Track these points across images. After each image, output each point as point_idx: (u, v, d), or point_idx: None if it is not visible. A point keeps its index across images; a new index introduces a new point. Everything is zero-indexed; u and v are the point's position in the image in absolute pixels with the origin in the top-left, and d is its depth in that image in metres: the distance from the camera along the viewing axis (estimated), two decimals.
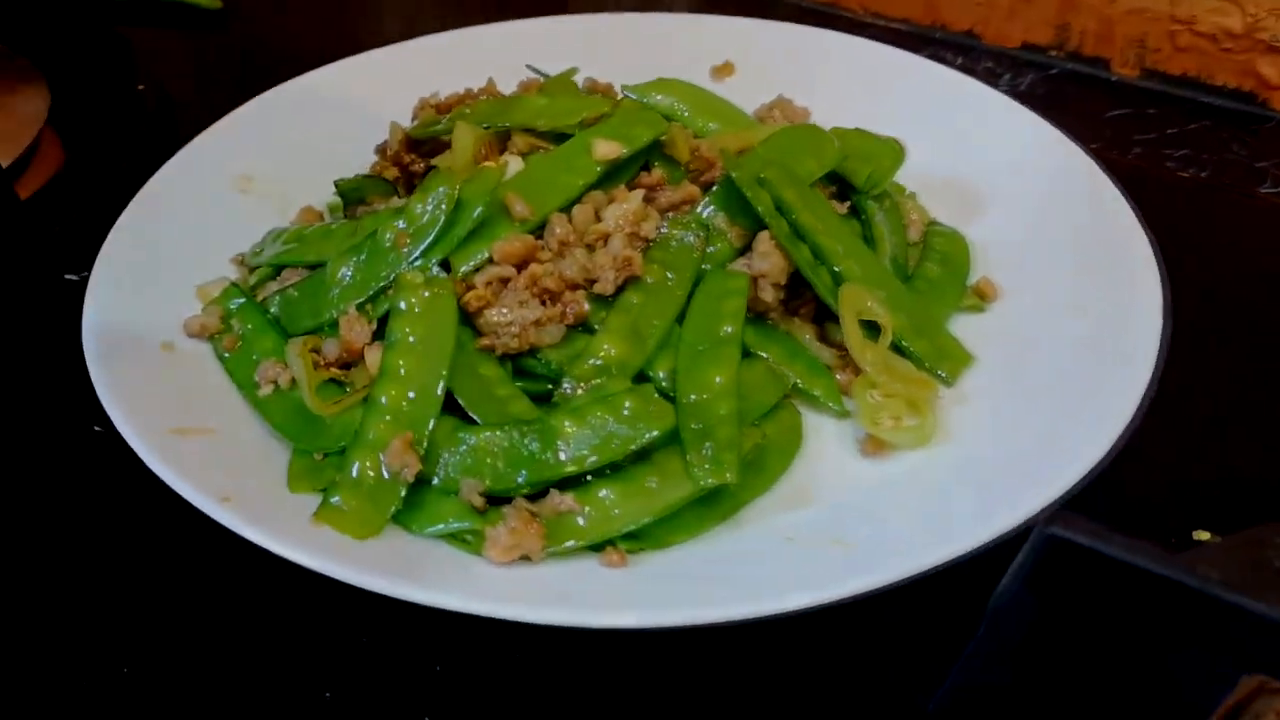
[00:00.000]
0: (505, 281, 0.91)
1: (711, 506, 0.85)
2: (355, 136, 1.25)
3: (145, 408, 0.90)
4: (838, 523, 0.84)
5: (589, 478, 0.84)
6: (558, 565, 0.81)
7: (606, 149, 0.97)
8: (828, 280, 0.97)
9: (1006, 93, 1.25)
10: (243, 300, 1.02)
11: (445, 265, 0.94)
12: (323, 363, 0.95)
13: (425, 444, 0.84)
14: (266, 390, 0.95)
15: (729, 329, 0.93)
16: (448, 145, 1.09)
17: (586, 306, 0.92)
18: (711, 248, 0.98)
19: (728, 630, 0.73)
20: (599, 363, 0.90)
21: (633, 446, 0.83)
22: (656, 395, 0.86)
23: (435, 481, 0.85)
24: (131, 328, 0.99)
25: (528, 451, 0.83)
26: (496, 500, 0.84)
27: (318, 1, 1.75)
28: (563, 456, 0.83)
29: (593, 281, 0.93)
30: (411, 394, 0.85)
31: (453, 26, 1.40)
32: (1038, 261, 1.07)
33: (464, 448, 0.84)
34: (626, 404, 0.85)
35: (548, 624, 0.73)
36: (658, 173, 1.00)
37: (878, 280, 0.99)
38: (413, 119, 1.18)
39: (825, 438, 0.94)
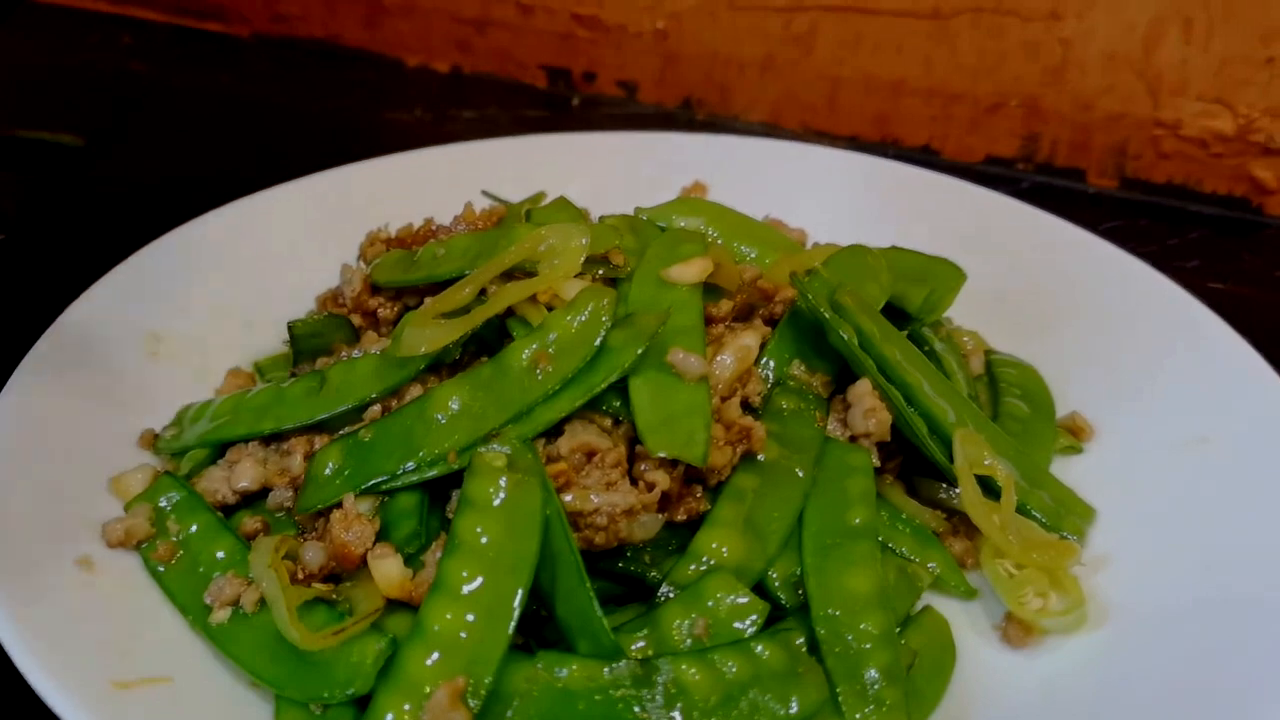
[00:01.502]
0: (590, 455, 0.70)
1: None
2: (278, 282, 1.04)
3: (72, 654, 0.66)
4: None
5: None
6: None
7: (696, 268, 0.78)
8: (924, 428, 0.80)
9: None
10: (180, 494, 0.78)
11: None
12: (302, 574, 0.72)
13: (485, 694, 0.61)
14: (222, 615, 0.71)
15: (859, 519, 0.74)
16: (417, 288, 0.88)
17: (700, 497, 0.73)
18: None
19: None
20: (710, 565, 0.70)
21: None
22: (802, 645, 0.67)
23: None
24: (34, 541, 0.74)
25: (631, 713, 0.62)
26: None
27: (187, 133, 1.52)
28: None
29: None
30: (471, 618, 0.63)
31: (329, 165, 1.18)
32: (1123, 390, 0.92)
33: (538, 694, 0.62)
34: (761, 649, 0.65)
35: None
36: (724, 305, 0.81)
37: (975, 425, 0.82)
38: (360, 257, 0.97)
39: (953, 626, 0.75)
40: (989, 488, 0.78)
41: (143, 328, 0.96)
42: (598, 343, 0.74)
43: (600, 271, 0.81)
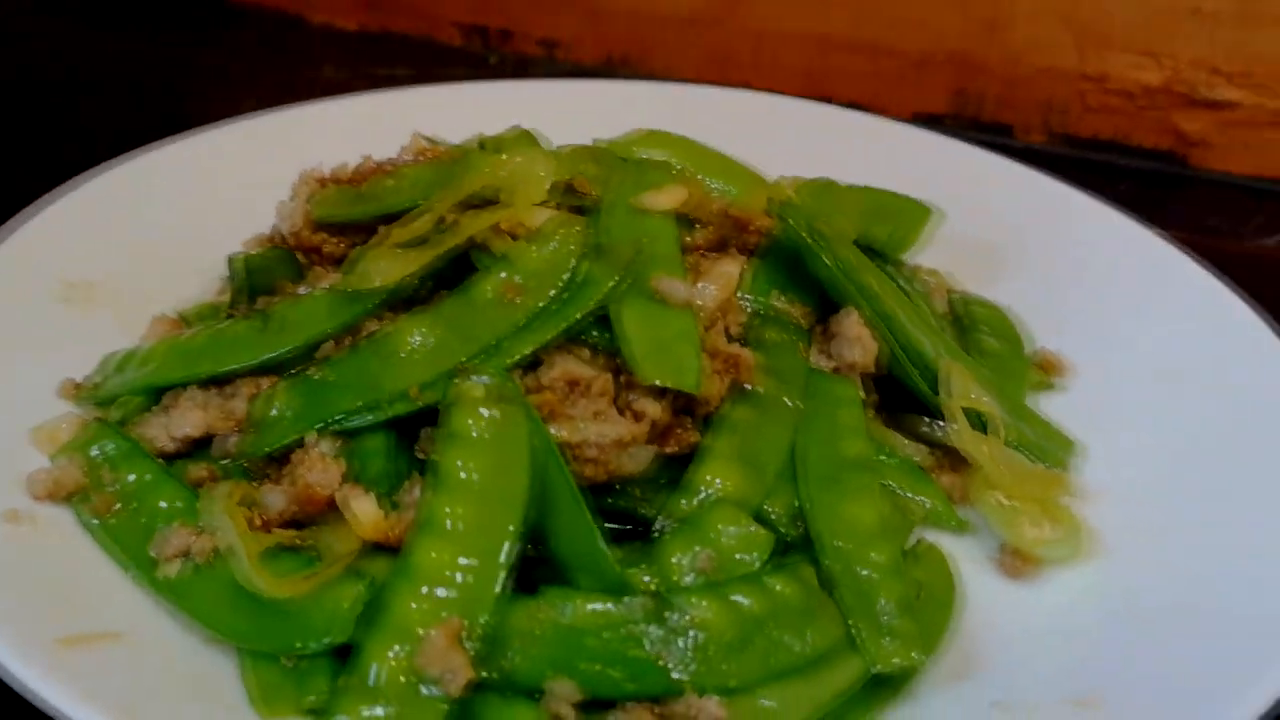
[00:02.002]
0: (573, 385, 0.66)
1: (882, 683, 0.62)
2: (199, 229, 0.97)
3: (9, 610, 0.59)
4: (1052, 674, 0.63)
5: None
6: None
7: (671, 195, 0.74)
8: (907, 360, 0.77)
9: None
10: (115, 443, 0.71)
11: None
12: (260, 520, 0.66)
13: (482, 635, 0.56)
14: (170, 568, 0.65)
15: (854, 450, 0.71)
16: (364, 224, 0.82)
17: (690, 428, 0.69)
18: None
19: None
20: (708, 498, 0.66)
21: (796, 661, 0.60)
22: (813, 579, 0.64)
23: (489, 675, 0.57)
24: None
25: (643, 650, 0.57)
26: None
27: (78, 91, 1.42)
28: (694, 666, 0.57)
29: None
30: (462, 555, 0.58)
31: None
32: (1090, 327, 0.91)
33: (540, 634, 0.58)
34: (775, 584, 0.62)
35: None
36: (699, 234, 0.77)
37: (953, 358, 0.79)
38: (293, 197, 0.90)
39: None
40: (974, 422, 0.76)
41: (55, 276, 0.88)
42: (569, 273, 0.70)
43: (566, 201, 0.77)
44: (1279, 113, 1.31)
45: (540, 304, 0.69)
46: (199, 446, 0.74)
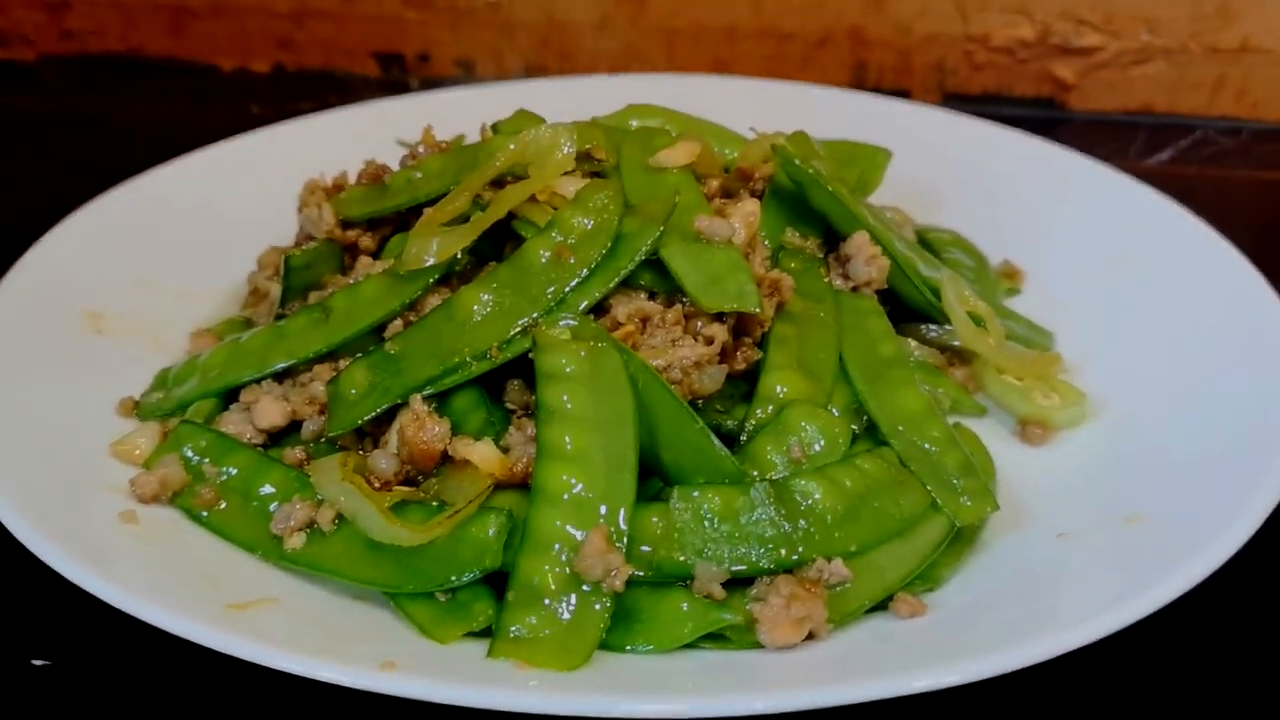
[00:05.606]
0: (645, 320, 0.73)
1: (958, 538, 0.71)
2: (198, 252, 1.01)
3: (173, 588, 0.64)
4: (1096, 506, 0.73)
5: None
6: (854, 635, 0.64)
7: (684, 151, 0.81)
8: (915, 271, 0.87)
9: None
10: (208, 439, 0.75)
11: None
12: (378, 483, 0.71)
13: (625, 539, 0.63)
14: (297, 541, 0.69)
15: (889, 350, 0.80)
16: (390, 217, 0.88)
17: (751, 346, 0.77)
18: None
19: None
20: (782, 402, 0.74)
21: (896, 526, 0.69)
22: (894, 459, 0.72)
23: (642, 573, 0.64)
24: (73, 508, 0.70)
25: (774, 528, 0.65)
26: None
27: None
28: (818, 537, 0.66)
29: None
30: (588, 473, 0.64)
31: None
32: (1029, 239, 1.02)
33: (681, 527, 0.65)
34: (863, 464, 0.71)
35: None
36: (712, 184, 0.85)
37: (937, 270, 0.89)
38: (300, 209, 0.95)
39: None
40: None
41: (77, 308, 0.90)
42: (615, 230, 0.76)
43: (585, 168, 0.84)
44: (1138, 52, 1.45)
45: (594, 259, 0.75)
46: (281, 435, 0.78)
